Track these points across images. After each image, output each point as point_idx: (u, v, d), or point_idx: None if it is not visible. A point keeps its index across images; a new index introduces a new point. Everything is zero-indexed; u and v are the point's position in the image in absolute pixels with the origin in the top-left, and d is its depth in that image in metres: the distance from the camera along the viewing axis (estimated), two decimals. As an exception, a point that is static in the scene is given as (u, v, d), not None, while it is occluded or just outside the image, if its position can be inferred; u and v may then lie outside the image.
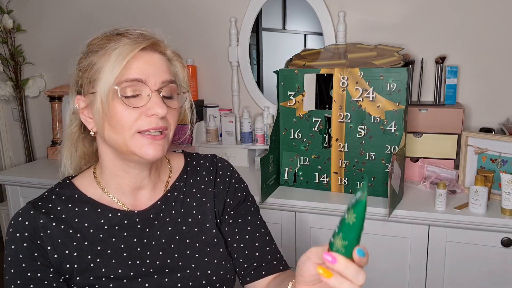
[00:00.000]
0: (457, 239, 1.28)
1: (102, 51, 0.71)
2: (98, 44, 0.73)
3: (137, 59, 0.70)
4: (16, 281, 0.72)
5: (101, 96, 0.69)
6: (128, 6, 2.05)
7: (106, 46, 0.71)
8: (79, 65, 0.75)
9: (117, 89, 0.69)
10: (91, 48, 0.74)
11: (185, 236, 0.82)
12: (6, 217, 2.12)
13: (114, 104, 0.69)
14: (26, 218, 0.74)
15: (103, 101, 0.69)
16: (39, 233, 0.73)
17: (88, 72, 0.72)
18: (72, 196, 0.78)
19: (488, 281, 1.28)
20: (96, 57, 0.72)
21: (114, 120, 0.70)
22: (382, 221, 1.32)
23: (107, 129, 0.71)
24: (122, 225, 0.77)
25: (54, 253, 0.73)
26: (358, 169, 1.42)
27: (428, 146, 1.51)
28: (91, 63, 0.72)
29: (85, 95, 0.74)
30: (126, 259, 0.77)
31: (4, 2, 2.17)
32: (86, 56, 0.74)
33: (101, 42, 0.73)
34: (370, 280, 1.41)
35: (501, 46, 1.60)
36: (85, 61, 0.73)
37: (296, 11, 1.91)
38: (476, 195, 1.25)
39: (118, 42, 0.71)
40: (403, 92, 1.32)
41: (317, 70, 1.41)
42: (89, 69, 0.72)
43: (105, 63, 0.69)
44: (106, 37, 0.74)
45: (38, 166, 1.99)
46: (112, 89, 0.69)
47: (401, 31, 1.69)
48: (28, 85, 2.21)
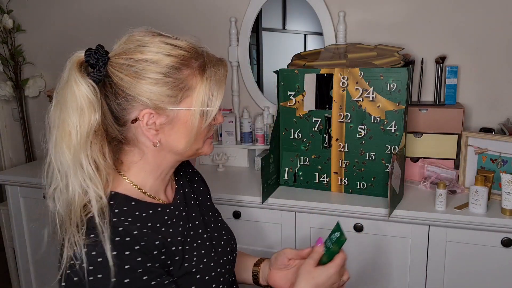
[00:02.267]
0: (457, 239, 1.28)
1: (190, 70, 0.75)
2: (182, 61, 0.75)
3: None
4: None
5: (205, 117, 0.77)
6: (128, 6, 2.05)
7: (193, 65, 0.76)
8: (151, 79, 0.73)
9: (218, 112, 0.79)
10: (172, 63, 0.74)
11: (212, 210, 0.97)
12: (6, 217, 2.12)
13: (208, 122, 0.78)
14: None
15: (205, 122, 0.77)
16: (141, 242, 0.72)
17: (166, 88, 0.74)
18: (129, 204, 0.77)
19: (488, 281, 1.28)
20: (181, 75, 0.75)
21: (202, 134, 0.80)
22: (382, 221, 1.32)
23: (187, 140, 0.78)
24: (177, 217, 0.83)
25: (161, 255, 0.74)
26: (358, 169, 1.42)
27: (428, 146, 1.51)
28: (176, 80, 0.74)
29: (160, 110, 0.74)
30: (201, 243, 0.85)
31: (4, 2, 2.17)
32: (170, 72, 0.74)
33: (182, 62, 0.75)
34: (370, 280, 1.42)
35: (501, 46, 1.60)
36: (165, 77, 0.73)
37: (296, 11, 1.91)
38: (476, 195, 1.25)
39: (215, 67, 0.78)
40: (403, 92, 1.32)
41: (317, 70, 1.41)
42: (171, 86, 0.74)
43: (206, 91, 0.76)
44: (185, 58, 0.75)
45: (38, 166, 1.99)
46: (216, 111, 0.78)
47: (401, 31, 1.69)
48: (28, 85, 2.21)
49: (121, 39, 0.79)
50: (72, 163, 0.71)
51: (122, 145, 0.79)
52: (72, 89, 0.71)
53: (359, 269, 1.41)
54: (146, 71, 0.73)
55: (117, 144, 0.79)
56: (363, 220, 1.35)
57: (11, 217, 1.87)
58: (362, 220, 1.35)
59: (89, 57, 0.74)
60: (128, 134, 0.77)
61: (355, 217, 1.35)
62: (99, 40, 1.89)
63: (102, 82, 0.74)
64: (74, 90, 0.71)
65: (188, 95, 0.75)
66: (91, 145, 0.72)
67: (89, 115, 0.71)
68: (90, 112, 0.71)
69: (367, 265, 1.39)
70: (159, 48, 0.74)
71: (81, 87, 0.71)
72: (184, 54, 0.75)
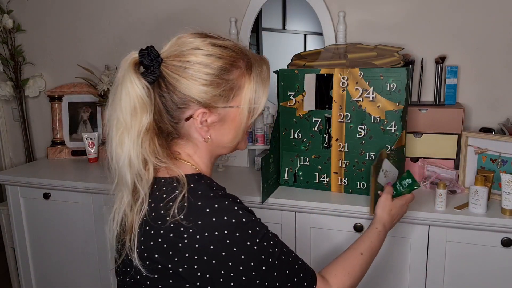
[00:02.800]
0: (457, 239, 1.28)
1: (238, 71, 0.81)
2: (231, 63, 0.80)
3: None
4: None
5: (252, 113, 0.83)
6: (128, 5, 2.05)
7: (241, 66, 0.81)
8: (204, 80, 0.78)
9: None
10: (223, 65, 0.79)
11: None
12: (6, 217, 2.12)
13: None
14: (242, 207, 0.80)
15: (251, 118, 0.84)
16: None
17: (219, 89, 0.79)
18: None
19: (488, 281, 1.28)
20: (231, 76, 0.80)
21: (245, 129, 0.86)
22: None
23: (235, 136, 0.85)
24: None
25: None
26: (358, 169, 1.42)
27: (428, 146, 1.51)
28: (227, 80, 0.80)
29: (212, 109, 0.80)
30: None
31: (4, 2, 2.17)
32: (222, 73, 0.79)
33: (231, 63, 0.80)
34: (370, 280, 1.42)
35: (501, 46, 1.60)
36: (217, 78, 0.79)
37: (296, 11, 1.91)
38: (476, 195, 1.25)
39: (260, 66, 0.84)
40: (403, 92, 1.32)
41: (317, 70, 1.41)
42: (223, 86, 0.79)
43: (254, 89, 0.82)
44: (234, 59, 0.81)
45: (38, 166, 1.99)
46: (262, 108, 0.84)
47: (401, 31, 1.69)
48: (28, 85, 2.21)
49: (170, 40, 0.82)
50: (123, 160, 0.76)
51: (176, 139, 0.84)
52: (127, 89, 0.75)
53: (359, 269, 1.41)
54: (200, 73, 0.77)
55: (171, 139, 0.84)
56: (363, 220, 1.35)
57: (11, 217, 1.87)
58: (362, 220, 1.35)
59: (143, 58, 0.77)
60: (182, 130, 0.83)
61: (355, 217, 1.35)
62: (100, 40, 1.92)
63: (156, 83, 0.78)
64: (129, 90, 0.75)
65: (237, 94, 0.81)
66: (142, 143, 0.77)
67: (141, 115, 0.76)
68: (143, 113, 0.76)
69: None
70: (211, 50, 0.79)
71: (136, 87, 0.75)
72: (233, 55, 0.81)
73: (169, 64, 0.78)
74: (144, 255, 0.77)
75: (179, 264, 0.74)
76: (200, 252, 0.73)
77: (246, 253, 0.74)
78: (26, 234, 1.87)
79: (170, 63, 0.78)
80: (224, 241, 0.73)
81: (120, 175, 0.78)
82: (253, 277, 0.75)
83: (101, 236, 1.73)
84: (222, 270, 0.74)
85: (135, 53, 0.79)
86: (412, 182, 1.12)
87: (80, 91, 2.09)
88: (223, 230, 0.74)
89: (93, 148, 1.99)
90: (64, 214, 1.78)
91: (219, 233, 0.73)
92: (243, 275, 0.74)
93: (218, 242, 0.73)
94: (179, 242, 0.74)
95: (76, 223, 1.76)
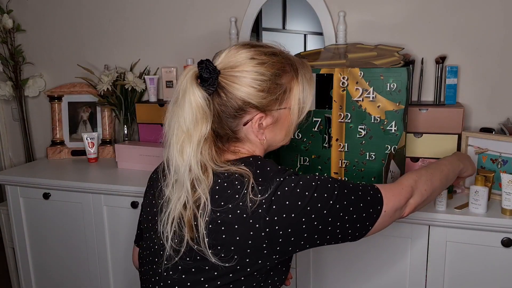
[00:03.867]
0: (457, 239, 1.28)
1: (288, 75, 0.89)
2: (282, 68, 0.89)
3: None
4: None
5: (301, 112, 0.92)
6: (128, 6, 2.05)
7: (289, 70, 0.90)
8: (260, 86, 0.86)
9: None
10: (276, 71, 0.87)
11: None
12: (5, 217, 2.12)
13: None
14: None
15: (300, 117, 0.93)
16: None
17: (274, 93, 0.87)
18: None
19: (488, 281, 1.28)
20: (283, 80, 0.88)
21: (295, 127, 0.95)
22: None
23: (284, 135, 0.94)
24: None
25: None
26: (358, 169, 1.42)
27: (429, 146, 1.51)
28: (280, 85, 0.88)
29: (268, 112, 0.88)
30: None
31: (4, 2, 2.17)
32: (275, 79, 0.87)
33: (282, 68, 0.89)
34: (370, 280, 1.42)
35: (501, 46, 1.60)
36: (271, 84, 0.86)
37: (296, 11, 1.91)
38: (476, 195, 1.25)
39: (303, 68, 0.93)
40: (403, 92, 1.32)
41: (317, 70, 1.41)
42: (277, 91, 0.87)
43: (301, 90, 0.91)
44: (283, 65, 0.89)
45: (38, 166, 1.99)
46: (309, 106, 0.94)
47: (401, 31, 1.69)
48: (28, 85, 2.20)
49: (228, 51, 0.89)
50: (184, 167, 0.82)
51: (234, 142, 0.91)
52: (190, 100, 0.82)
53: (359, 269, 1.41)
54: (257, 80, 0.85)
55: (228, 144, 0.91)
56: (363, 220, 1.35)
57: (11, 217, 1.87)
58: (362, 220, 1.35)
59: (202, 71, 0.84)
60: (240, 134, 0.90)
61: (355, 217, 1.35)
62: (100, 40, 1.92)
63: (215, 93, 0.85)
64: (191, 101, 0.82)
65: (288, 96, 0.90)
66: (201, 151, 0.83)
67: (201, 125, 0.83)
68: (203, 122, 0.83)
69: (367, 265, 1.39)
70: (263, 59, 0.86)
71: (198, 99, 0.82)
72: (282, 61, 0.89)
73: (227, 74, 0.85)
74: (215, 245, 0.82)
75: (262, 229, 0.80)
76: (280, 212, 0.80)
77: (317, 191, 0.82)
78: (25, 234, 1.87)
79: (228, 74, 0.85)
80: (296, 192, 0.82)
81: (180, 180, 0.83)
82: (332, 206, 0.83)
83: (100, 236, 1.73)
84: (304, 218, 0.81)
85: (195, 66, 0.85)
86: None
87: (80, 91, 2.09)
88: (292, 184, 0.82)
89: (93, 148, 1.99)
90: (64, 214, 1.78)
91: (289, 189, 0.82)
92: (323, 209, 0.82)
93: (292, 196, 0.81)
94: (259, 209, 0.81)
95: (76, 223, 1.76)
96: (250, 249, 0.82)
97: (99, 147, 2.05)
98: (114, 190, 1.64)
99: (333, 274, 1.44)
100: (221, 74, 0.85)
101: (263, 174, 0.84)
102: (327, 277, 1.45)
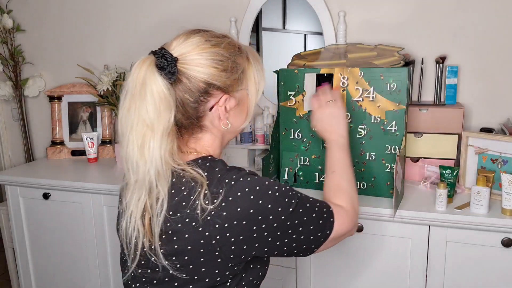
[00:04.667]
0: (457, 239, 1.28)
1: (242, 56, 0.88)
2: (237, 49, 0.88)
3: None
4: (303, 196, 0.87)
5: (258, 92, 0.92)
6: (128, 6, 2.05)
7: (242, 52, 0.89)
8: (222, 66, 0.83)
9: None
10: (233, 51, 0.86)
11: None
12: (5, 217, 2.12)
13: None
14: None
15: (257, 97, 0.92)
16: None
17: (235, 72, 0.86)
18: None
19: (488, 281, 1.28)
20: (239, 60, 0.87)
21: (253, 109, 0.93)
22: (382, 221, 1.32)
23: (245, 117, 0.92)
24: None
25: None
26: (358, 169, 1.42)
27: (429, 146, 1.51)
28: (238, 64, 0.86)
29: (231, 94, 0.86)
30: None
31: (4, 2, 2.17)
32: (234, 59, 0.86)
33: (236, 48, 0.87)
34: (370, 280, 1.42)
35: (501, 46, 1.60)
36: (232, 63, 0.85)
37: (296, 11, 1.91)
38: (478, 195, 1.25)
39: (250, 49, 0.92)
40: (403, 92, 1.32)
41: (317, 70, 1.41)
42: (237, 70, 0.86)
43: (255, 70, 0.91)
44: (236, 45, 0.89)
45: (38, 166, 1.99)
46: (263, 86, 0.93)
47: (401, 31, 1.69)
48: (28, 85, 2.20)
49: (178, 39, 0.84)
50: (150, 161, 0.77)
51: (195, 134, 0.88)
52: (151, 90, 0.77)
53: (358, 269, 1.40)
54: (218, 61, 0.82)
55: (188, 136, 0.87)
56: (363, 220, 1.35)
57: (11, 217, 1.87)
58: (362, 220, 1.35)
59: (159, 59, 0.79)
60: (205, 122, 0.86)
61: (355, 217, 1.35)
62: (99, 40, 1.91)
63: (177, 80, 0.80)
64: (153, 91, 0.77)
65: (245, 77, 0.89)
66: (165, 145, 0.78)
67: (165, 116, 0.77)
68: (166, 114, 0.77)
69: (367, 265, 1.39)
70: (218, 40, 0.85)
71: (160, 87, 0.77)
72: (233, 42, 0.88)
73: (186, 59, 0.81)
74: (169, 255, 0.79)
75: (212, 236, 0.77)
76: (231, 218, 0.77)
77: (272, 202, 0.80)
78: (25, 234, 1.87)
79: (186, 58, 0.81)
80: (248, 198, 0.78)
81: (140, 176, 0.78)
82: (284, 221, 0.81)
83: (100, 236, 1.73)
84: (254, 226, 0.78)
85: (151, 55, 0.80)
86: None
87: (80, 91, 2.09)
88: (245, 189, 0.78)
89: (93, 148, 1.99)
90: (63, 214, 1.78)
91: (242, 194, 0.78)
92: (274, 222, 0.80)
93: (242, 202, 0.77)
94: (207, 216, 0.77)
95: (75, 223, 1.76)
96: (204, 258, 0.78)
97: (99, 147, 2.05)
98: (114, 190, 1.64)
99: (333, 273, 1.44)
100: (179, 60, 0.81)
101: (214, 177, 0.80)
102: (327, 276, 1.45)
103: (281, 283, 1.51)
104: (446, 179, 1.36)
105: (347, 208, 0.95)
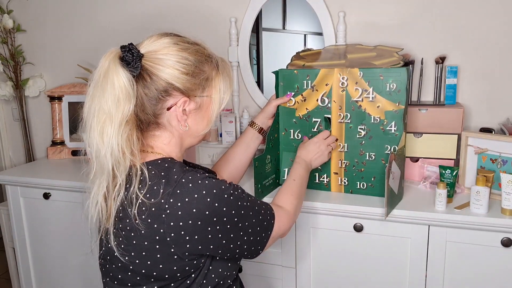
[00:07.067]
0: (457, 239, 1.28)
1: (210, 64, 0.92)
2: (205, 57, 0.92)
3: None
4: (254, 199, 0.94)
5: (221, 102, 0.95)
6: (128, 6, 2.05)
7: (211, 60, 0.93)
8: (185, 69, 0.87)
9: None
10: (200, 57, 0.90)
11: None
12: (6, 217, 2.12)
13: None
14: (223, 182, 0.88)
15: (221, 107, 0.95)
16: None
17: (198, 78, 0.89)
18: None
19: (488, 281, 1.28)
20: (205, 67, 0.91)
21: (215, 118, 0.96)
22: (382, 221, 1.32)
23: (206, 124, 0.95)
24: None
25: None
26: (358, 169, 1.42)
27: (428, 146, 1.51)
28: (203, 71, 0.90)
29: (192, 98, 0.89)
30: None
31: (4, 2, 2.17)
32: (199, 65, 0.89)
33: (204, 56, 0.91)
34: (370, 280, 1.42)
35: (501, 46, 1.60)
36: (195, 68, 0.88)
37: (296, 11, 1.91)
38: (477, 195, 1.25)
39: (223, 62, 0.96)
40: (403, 92, 1.32)
41: (317, 70, 1.41)
42: (200, 76, 0.89)
43: (222, 80, 0.94)
44: (205, 54, 0.92)
45: (38, 166, 1.99)
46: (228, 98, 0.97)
47: (401, 31, 1.69)
48: (28, 85, 2.21)
49: (150, 38, 0.90)
50: (106, 148, 0.81)
51: (152, 130, 0.91)
52: (112, 81, 0.81)
53: (358, 269, 1.41)
54: (181, 63, 0.86)
55: (147, 131, 0.90)
56: (363, 220, 1.35)
57: (11, 217, 1.87)
58: (362, 220, 1.35)
59: (125, 53, 0.83)
60: (162, 120, 0.89)
61: (355, 217, 1.35)
62: (99, 40, 1.92)
63: (139, 76, 0.84)
64: (114, 82, 0.81)
65: (209, 85, 0.92)
66: (122, 133, 0.82)
67: (124, 105, 0.81)
68: (126, 103, 0.81)
69: (367, 265, 1.39)
70: (187, 46, 0.89)
71: (121, 79, 0.81)
72: (203, 51, 0.92)
73: (151, 57, 0.85)
74: (120, 239, 0.84)
75: (167, 233, 0.81)
76: (186, 218, 0.80)
77: (227, 205, 0.84)
78: (26, 234, 1.87)
79: (151, 57, 0.86)
80: (205, 200, 0.81)
81: (101, 162, 0.83)
82: (236, 223, 0.86)
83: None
84: (209, 227, 0.82)
85: (117, 48, 0.85)
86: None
87: (80, 91, 2.09)
88: (203, 191, 0.82)
89: (93, 148, 1.99)
90: (64, 214, 1.78)
91: (198, 196, 0.81)
92: (228, 224, 0.85)
93: (198, 203, 0.81)
94: (162, 214, 0.81)
95: (76, 223, 1.76)
96: (160, 254, 0.83)
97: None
98: (114, 190, 1.64)
99: (333, 273, 1.44)
100: (144, 57, 0.85)
101: (171, 178, 0.84)
102: (327, 276, 1.45)
103: (281, 283, 1.51)
104: (445, 179, 1.36)
105: (290, 210, 1.06)
